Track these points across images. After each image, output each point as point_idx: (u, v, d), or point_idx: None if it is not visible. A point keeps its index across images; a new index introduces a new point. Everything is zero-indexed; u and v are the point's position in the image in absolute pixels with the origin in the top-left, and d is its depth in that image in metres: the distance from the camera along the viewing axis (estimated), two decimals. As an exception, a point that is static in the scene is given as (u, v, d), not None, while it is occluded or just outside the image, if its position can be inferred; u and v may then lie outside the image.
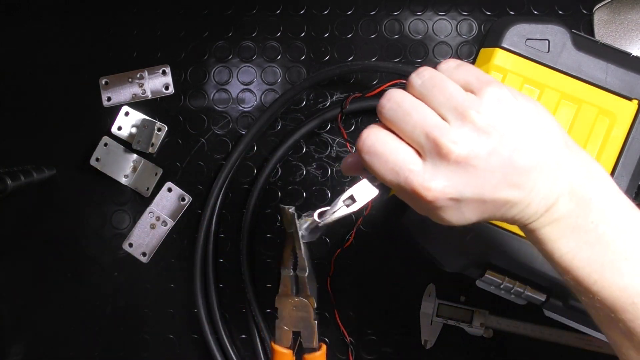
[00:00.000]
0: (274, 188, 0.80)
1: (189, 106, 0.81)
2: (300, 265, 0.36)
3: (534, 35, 0.60)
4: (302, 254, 0.35)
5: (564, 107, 0.59)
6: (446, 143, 0.34)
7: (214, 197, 0.77)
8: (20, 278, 0.81)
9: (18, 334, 0.81)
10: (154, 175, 0.80)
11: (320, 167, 0.80)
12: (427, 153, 0.35)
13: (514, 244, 0.58)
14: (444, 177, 0.35)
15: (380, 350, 0.77)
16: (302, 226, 0.36)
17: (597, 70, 0.59)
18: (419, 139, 0.35)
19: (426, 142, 0.35)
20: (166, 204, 0.80)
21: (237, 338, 0.79)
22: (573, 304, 0.59)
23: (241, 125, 0.81)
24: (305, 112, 0.80)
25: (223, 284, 0.79)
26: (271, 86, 0.81)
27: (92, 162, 0.80)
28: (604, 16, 0.76)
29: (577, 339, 0.71)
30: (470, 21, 0.80)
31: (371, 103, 0.76)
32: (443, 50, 0.80)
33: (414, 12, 0.80)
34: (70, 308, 0.81)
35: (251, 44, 0.82)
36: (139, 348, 0.80)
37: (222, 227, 0.80)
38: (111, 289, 0.80)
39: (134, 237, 0.80)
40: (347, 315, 0.78)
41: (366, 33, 0.80)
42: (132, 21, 0.82)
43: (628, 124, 0.59)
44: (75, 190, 0.81)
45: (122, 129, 0.80)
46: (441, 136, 0.34)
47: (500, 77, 0.60)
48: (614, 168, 0.58)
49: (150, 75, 0.81)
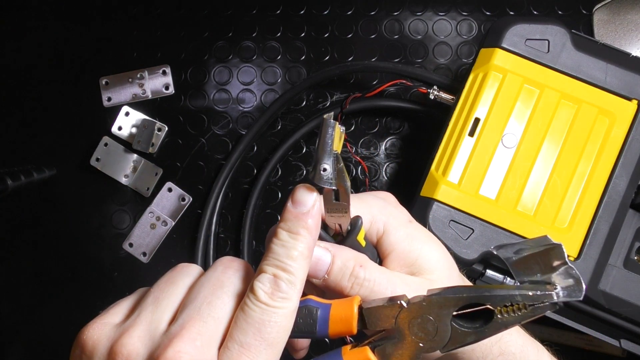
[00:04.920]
0: (274, 188, 0.80)
1: (189, 106, 0.81)
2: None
3: (534, 36, 0.60)
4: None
5: (563, 107, 0.59)
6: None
7: (214, 197, 0.77)
8: (20, 278, 0.81)
9: (18, 334, 0.81)
10: (154, 175, 0.80)
11: (320, 167, 0.80)
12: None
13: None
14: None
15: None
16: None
17: (596, 70, 0.59)
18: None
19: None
20: (166, 204, 0.80)
21: (237, 338, 0.79)
22: (573, 304, 0.59)
23: (241, 125, 0.81)
24: (305, 112, 0.80)
25: (223, 284, 0.79)
26: (271, 86, 0.81)
27: (93, 162, 0.80)
28: (604, 16, 0.76)
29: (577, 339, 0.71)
30: (470, 21, 0.80)
31: (371, 103, 0.76)
32: (443, 50, 0.80)
33: (414, 12, 0.80)
34: (70, 308, 0.81)
35: (251, 44, 0.82)
36: (139, 348, 0.80)
37: (222, 227, 0.80)
38: (111, 289, 0.80)
39: (134, 237, 0.80)
40: (347, 315, 0.78)
41: (366, 33, 0.80)
42: (132, 21, 0.82)
43: (628, 124, 0.59)
44: (76, 190, 0.81)
45: (123, 129, 0.81)
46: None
47: (500, 77, 0.60)
48: (614, 168, 0.58)
49: (150, 75, 0.81)
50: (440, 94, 0.67)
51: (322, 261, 0.31)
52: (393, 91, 0.79)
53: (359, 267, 0.31)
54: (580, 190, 0.58)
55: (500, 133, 0.59)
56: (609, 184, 0.58)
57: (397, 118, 0.79)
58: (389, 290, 0.32)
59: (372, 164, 0.79)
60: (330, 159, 0.28)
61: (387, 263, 0.34)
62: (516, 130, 0.59)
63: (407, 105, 0.76)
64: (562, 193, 0.58)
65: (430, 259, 0.34)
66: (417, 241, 0.34)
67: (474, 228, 0.58)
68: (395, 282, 0.32)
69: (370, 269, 0.32)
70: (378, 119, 0.79)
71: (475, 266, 0.59)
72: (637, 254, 0.59)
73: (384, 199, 0.36)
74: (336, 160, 0.29)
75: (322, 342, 0.78)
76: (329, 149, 0.28)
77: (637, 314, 0.57)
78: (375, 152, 0.79)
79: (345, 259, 0.31)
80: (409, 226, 0.35)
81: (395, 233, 0.34)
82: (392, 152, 0.79)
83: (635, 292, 0.58)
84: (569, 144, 0.59)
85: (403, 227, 0.34)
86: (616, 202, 0.58)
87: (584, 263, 0.57)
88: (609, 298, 0.58)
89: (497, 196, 0.58)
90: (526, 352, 0.36)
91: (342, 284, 0.31)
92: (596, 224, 0.58)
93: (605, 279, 0.58)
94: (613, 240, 0.58)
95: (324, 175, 0.28)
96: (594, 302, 0.58)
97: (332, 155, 0.28)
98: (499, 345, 0.36)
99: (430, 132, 0.68)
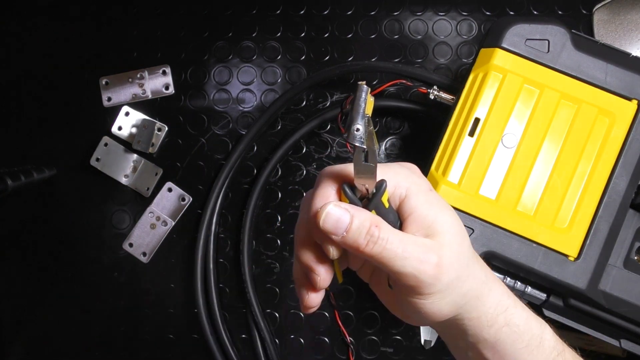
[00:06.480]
0: (274, 188, 0.80)
1: (189, 106, 0.81)
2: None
3: (534, 36, 0.60)
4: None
5: (563, 107, 0.59)
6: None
7: (214, 197, 0.77)
8: (20, 278, 0.81)
9: (18, 334, 0.81)
10: (154, 175, 0.80)
11: (320, 167, 0.80)
12: None
13: (514, 244, 0.58)
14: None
15: (380, 350, 0.77)
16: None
17: (596, 70, 0.59)
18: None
19: None
20: (166, 204, 0.80)
21: (237, 338, 0.79)
22: (573, 304, 0.59)
23: (241, 125, 0.81)
24: (305, 112, 0.80)
25: (223, 284, 0.79)
26: (271, 86, 0.81)
27: (93, 162, 0.80)
28: (604, 16, 0.76)
29: (577, 339, 0.71)
30: (470, 21, 0.80)
31: (371, 103, 0.76)
32: (443, 50, 0.80)
33: (414, 12, 0.80)
34: (70, 308, 0.81)
35: (251, 44, 0.82)
36: (139, 348, 0.80)
37: (222, 227, 0.80)
38: (111, 289, 0.80)
39: (134, 237, 0.80)
40: (347, 315, 0.78)
41: (366, 33, 0.80)
42: (133, 21, 0.82)
43: (628, 123, 0.59)
44: (75, 190, 0.81)
45: (123, 129, 0.81)
46: None
47: (500, 77, 0.60)
48: (614, 168, 0.58)
49: (150, 75, 0.81)
50: (440, 94, 0.67)
51: (341, 220, 0.34)
52: (393, 91, 0.79)
53: (374, 227, 0.34)
54: (581, 190, 0.58)
55: (500, 133, 0.59)
56: (609, 184, 0.58)
57: (397, 118, 0.79)
58: (400, 249, 0.34)
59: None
60: (363, 121, 0.31)
61: (406, 225, 0.36)
62: (516, 130, 0.59)
63: (407, 105, 0.76)
64: (562, 193, 0.58)
65: (444, 224, 0.36)
66: (434, 207, 0.36)
67: (474, 228, 0.58)
68: (406, 242, 0.34)
69: (384, 229, 0.34)
70: (378, 118, 0.79)
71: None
72: (637, 254, 0.59)
73: (409, 168, 0.39)
74: (368, 122, 0.31)
75: (324, 342, 0.78)
76: (362, 111, 0.31)
77: (637, 314, 0.57)
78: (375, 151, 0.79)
79: (363, 219, 0.34)
80: (429, 194, 0.37)
81: (416, 198, 0.36)
82: (392, 152, 0.79)
83: (636, 292, 0.58)
84: (569, 144, 0.59)
85: (423, 193, 0.37)
86: (616, 202, 0.58)
87: (584, 263, 0.57)
88: (609, 298, 0.58)
89: (497, 196, 0.58)
90: (530, 325, 0.39)
91: (358, 241, 0.34)
92: (596, 224, 0.58)
93: (606, 279, 0.58)
94: (613, 240, 0.58)
95: (357, 134, 0.31)
96: (594, 302, 0.58)
97: (364, 117, 0.31)
98: (504, 316, 0.38)
99: (430, 132, 0.68)
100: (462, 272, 0.36)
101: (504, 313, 0.38)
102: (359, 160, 0.33)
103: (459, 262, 0.36)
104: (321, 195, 0.36)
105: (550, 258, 0.57)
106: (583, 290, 0.57)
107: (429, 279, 0.34)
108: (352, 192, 0.36)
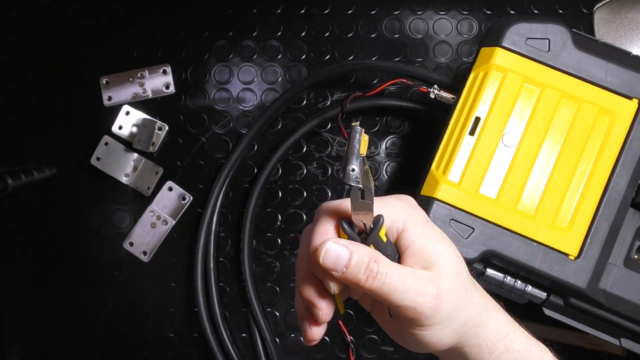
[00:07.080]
0: (275, 187, 0.80)
1: (190, 105, 0.81)
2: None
3: (535, 35, 0.60)
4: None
5: (564, 106, 0.59)
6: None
7: (214, 196, 0.77)
8: (20, 278, 0.81)
9: (18, 334, 0.81)
10: (155, 174, 0.80)
11: (320, 166, 0.80)
12: None
13: (514, 243, 0.58)
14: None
15: (380, 349, 0.77)
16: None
17: (597, 69, 0.59)
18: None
19: None
20: (167, 203, 0.80)
21: (237, 337, 0.79)
22: (573, 303, 0.59)
23: (242, 124, 0.81)
24: (306, 111, 0.80)
25: (224, 283, 0.79)
26: (271, 85, 0.81)
27: (93, 162, 0.80)
28: (604, 15, 0.76)
29: (578, 338, 0.71)
30: (470, 20, 0.80)
31: (371, 102, 0.76)
32: (443, 49, 0.80)
33: (415, 12, 0.80)
34: (70, 308, 0.81)
35: (251, 43, 0.82)
36: (139, 347, 0.80)
37: (223, 227, 0.80)
38: (112, 288, 0.80)
39: (134, 236, 0.80)
40: (347, 314, 0.78)
41: (366, 32, 0.80)
42: (133, 21, 0.82)
43: (628, 123, 0.59)
44: (76, 190, 0.81)
45: (123, 128, 0.81)
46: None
47: (501, 76, 0.60)
48: (614, 167, 0.58)
49: (150, 74, 0.81)
50: (440, 93, 0.67)
51: (341, 257, 0.34)
52: (393, 90, 0.79)
53: (373, 262, 0.35)
54: (581, 189, 0.58)
55: (501, 132, 0.59)
56: (609, 183, 0.58)
57: (398, 117, 0.79)
58: (399, 282, 0.34)
59: (372, 163, 0.79)
60: (358, 161, 0.32)
61: (404, 257, 0.37)
62: (516, 129, 0.59)
63: (408, 105, 0.76)
64: (562, 192, 0.58)
65: (442, 255, 0.36)
66: (431, 238, 0.37)
67: (474, 227, 0.58)
68: (405, 275, 0.35)
69: (383, 263, 0.35)
70: (378, 118, 0.79)
71: (475, 265, 0.59)
72: (637, 252, 0.59)
73: (405, 201, 0.39)
74: (362, 162, 0.33)
75: (324, 341, 0.78)
76: (356, 152, 0.32)
77: (638, 313, 0.58)
78: (376, 151, 0.79)
79: (362, 254, 0.35)
80: (426, 225, 0.38)
81: (413, 231, 0.37)
82: (392, 151, 0.79)
83: (636, 290, 0.58)
84: (569, 143, 0.59)
85: (420, 226, 0.37)
86: (616, 201, 0.58)
87: (585, 262, 0.57)
88: (610, 297, 0.58)
89: (497, 195, 0.58)
90: (530, 350, 0.39)
91: (358, 276, 0.35)
92: (596, 222, 0.58)
93: (606, 278, 0.58)
94: (613, 239, 0.58)
95: (352, 175, 0.32)
96: (595, 301, 0.58)
97: (359, 157, 0.32)
98: (504, 342, 0.38)
99: (431, 131, 0.68)
100: (461, 302, 0.36)
101: (504, 339, 0.38)
102: (355, 198, 0.34)
103: (457, 292, 0.36)
104: (320, 232, 0.36)
105: (551, 257, 0.57)
106: (583, 289, 0.57)
107: (429, 310, 0.35)
108: (350, 227, 0.36)
